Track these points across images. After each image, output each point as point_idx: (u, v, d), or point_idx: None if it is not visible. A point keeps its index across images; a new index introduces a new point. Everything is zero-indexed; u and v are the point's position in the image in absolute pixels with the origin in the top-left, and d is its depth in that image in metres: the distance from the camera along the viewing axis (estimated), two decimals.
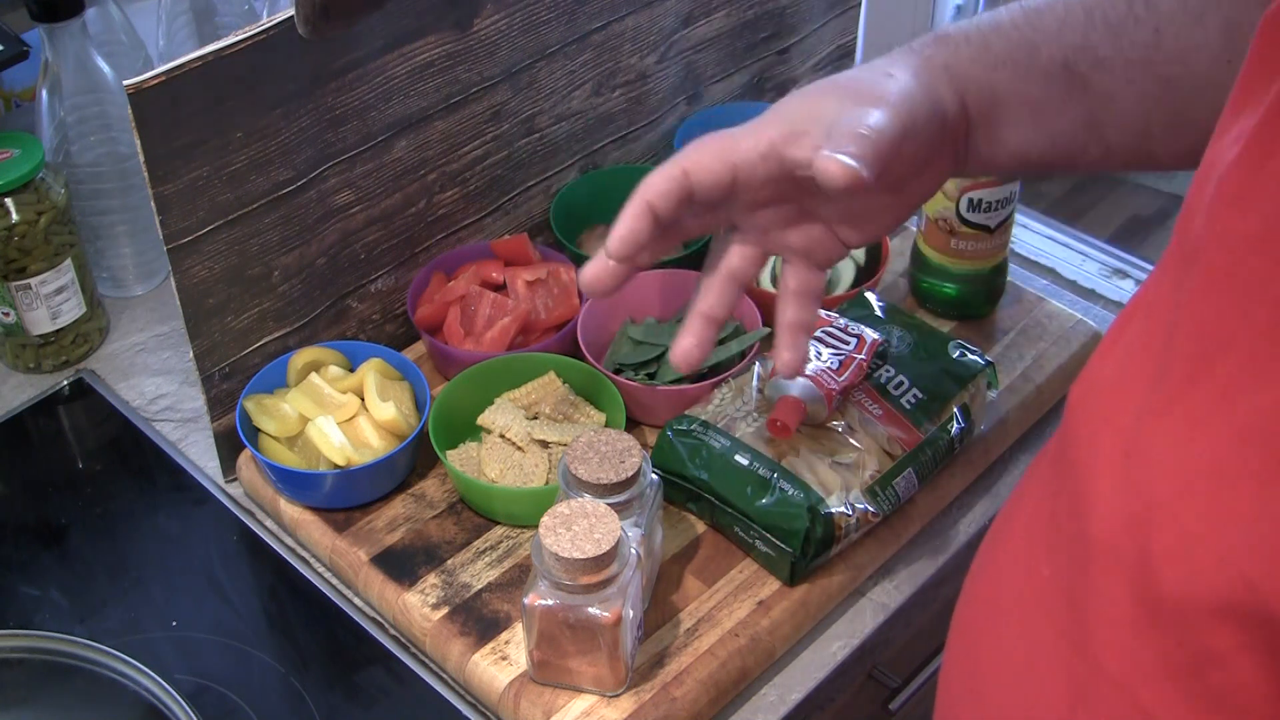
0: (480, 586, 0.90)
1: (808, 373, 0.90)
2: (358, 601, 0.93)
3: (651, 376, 1.01)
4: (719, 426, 0.91)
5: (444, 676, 0.88)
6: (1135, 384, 0.54)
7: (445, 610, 0.88)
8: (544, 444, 0.96)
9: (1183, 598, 0.48)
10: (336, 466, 0.93)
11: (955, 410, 0.94)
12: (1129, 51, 0.69)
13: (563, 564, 0.77)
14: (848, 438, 0.91)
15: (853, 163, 0.62)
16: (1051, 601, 0.56)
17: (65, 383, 1.11)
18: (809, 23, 1.31)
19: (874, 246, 1.09)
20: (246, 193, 0.92)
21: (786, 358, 0.74)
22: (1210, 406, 0.49)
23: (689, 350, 0.73)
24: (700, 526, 0.94)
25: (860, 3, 1.35)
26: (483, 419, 0.97)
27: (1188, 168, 0.59)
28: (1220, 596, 0.47)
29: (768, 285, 1.09)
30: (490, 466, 0.94)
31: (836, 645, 0.90)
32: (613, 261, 0.70)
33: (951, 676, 0.66)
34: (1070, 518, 0.56)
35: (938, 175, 0.72)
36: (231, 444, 0.99)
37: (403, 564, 0.91)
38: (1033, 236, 1.40)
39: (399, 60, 0.97)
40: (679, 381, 0.99)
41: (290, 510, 0.96)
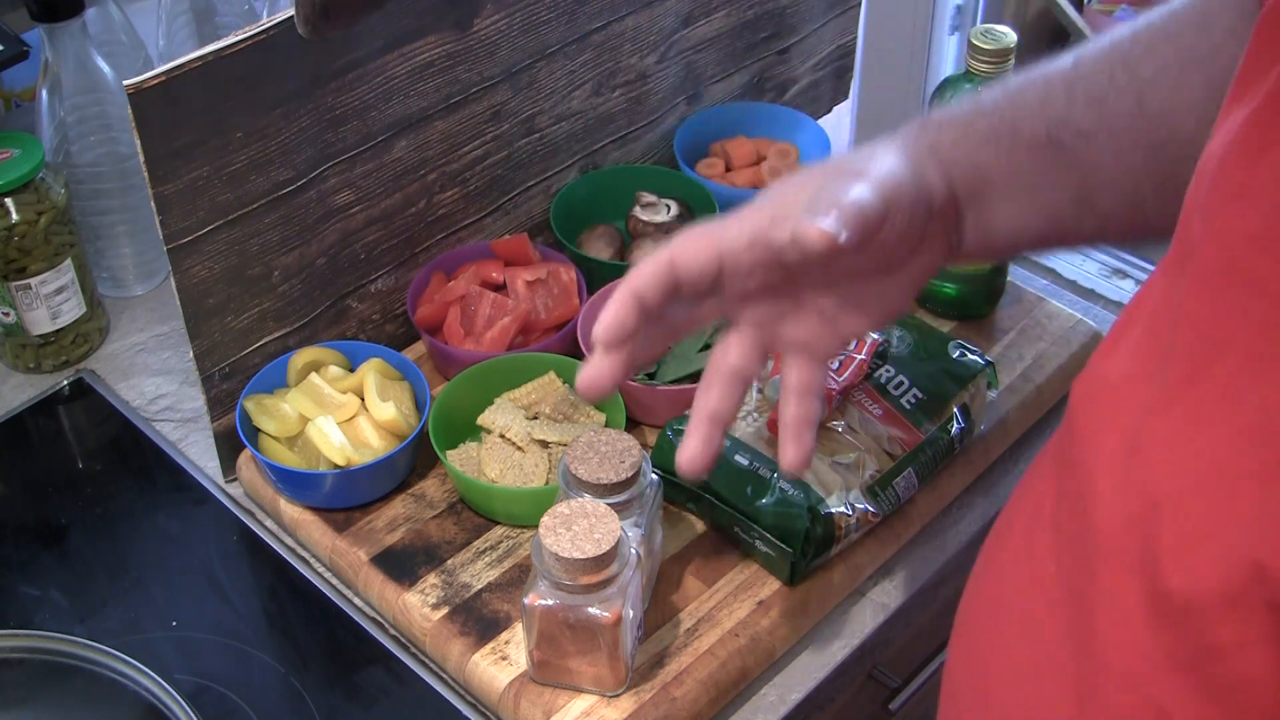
0: (480, 586, 0.90)
1: None
2: (358, 601, 0.93)
3: (651, 376, 1.01)
4: None
5: (444, 676, 0.88)
6: (1138, 382, 0.54)
7: (445, 610, 0.88)
8: (544, 444, 0.96)
9: (1190, 592, 0.49)
10: (336, 466, 0.93)
11: (955, 410, 0.94)
12: (1113, 121, 0.69)
13: (563, 564, 0.77)
14: (848, 438, 0.91)
15: (830, 226, 0.61)
16: (1056, 599, 0.56)
17: (65, 383, 1.10)
18: (809, 23, 1.31)
19: None
20: (246, 193, 0.92)
21: (791, 455, 0.70)
22: (1211, 405, 0.49)
23: (695, 456, 0.69)
24: (700, 526, 0.94)
25: (860, 3, 1.35)
26: (483, 419, 0.97)
27: None
28: (1228, 588, 0.47)
29: None
30: (490, 466, 0.94)
31: (836, 645, 0.90)
32: (606, 361, 0.67)
33: (955, 677, 0.66)
34: (1074, 516, 0.56)
35: (931, 262, 0.70)
36: (231, 444, 0.99)
37: (403, 564, 0.91)
38: None
39: (399, 60, 0.97)
40: (679, 381, 0.99)
41: (290, 510, 0.96)
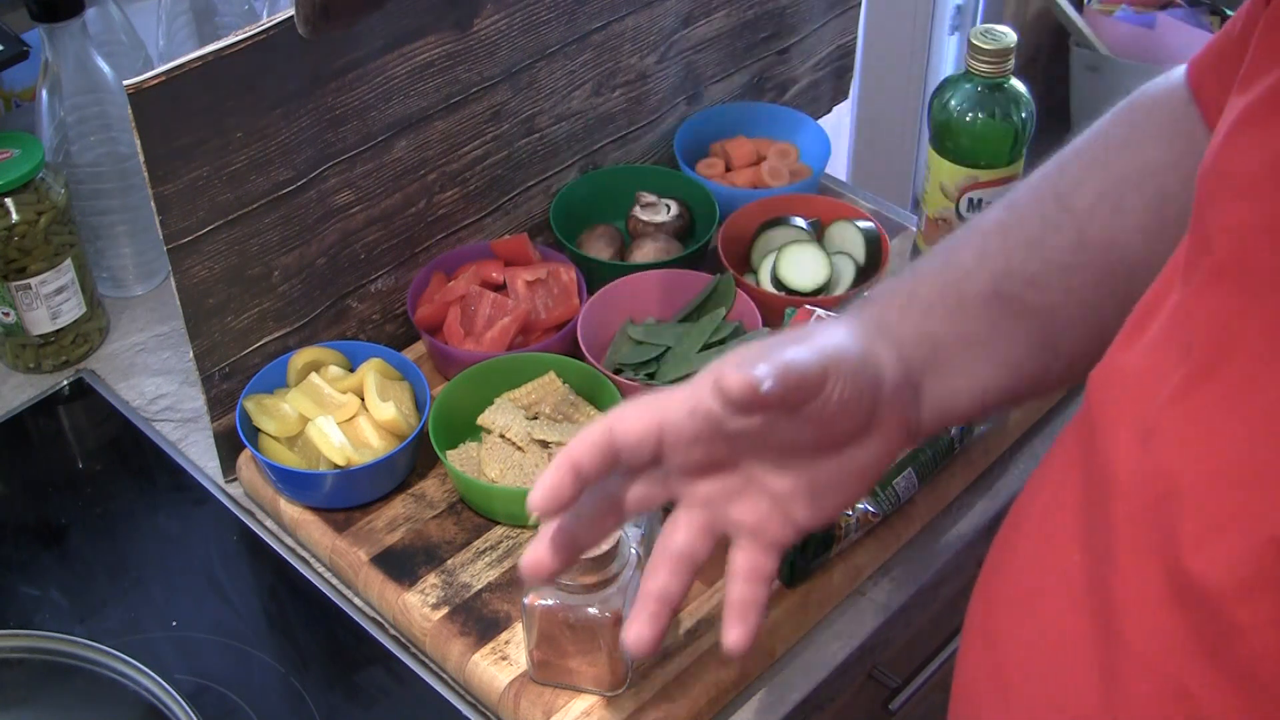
0: (480, 586, 0.90)
1: None
2: (358, 601, 0.93)
3: (651, 376, 1.01)
4: None
5: (444, 676, 0.88)
6: (1157, 373, 0.54)
7: (445, 610, 0.88)
8: (544, 444, 0.95)
9: (1210, 574, 0.49)
10: (336, 466, 0.93)
11: None
12: (1056, 259, 0.68)
13: None
14: None
15: (754, 374, 0.59)
16: (1078, 588, 0.56)
17: (65, 383, 1.10)
18: (809, 23, 1.31)
19: (874, 246, 1.09)
20: (246, 193, 0.92)
21: (733, 637, 0.65)
22: (1227, 398, 0.49)
23: (642, 637, 0.65)
24: None
25: (860, 3, 1.35)
26: (483, 419, 0.97)
27: None
28: (1248, 570, 0.48)
29: (768, 285, 1.09)
30: (490, 466, 0.94)
31: (836, 645, 0.89)
32: (546, 547, 0.65)
33: (970, 672, 0.65)
34: (1093, 504, 0.56)
35: (887, 449, 0.67)
36: (231, 444, 0.99)
37: (403, 564, 0.91)
38: None
39: (399, 60, 0.97)
40: (679, 381, 0.99)
41: (290, 510, 0.96)
